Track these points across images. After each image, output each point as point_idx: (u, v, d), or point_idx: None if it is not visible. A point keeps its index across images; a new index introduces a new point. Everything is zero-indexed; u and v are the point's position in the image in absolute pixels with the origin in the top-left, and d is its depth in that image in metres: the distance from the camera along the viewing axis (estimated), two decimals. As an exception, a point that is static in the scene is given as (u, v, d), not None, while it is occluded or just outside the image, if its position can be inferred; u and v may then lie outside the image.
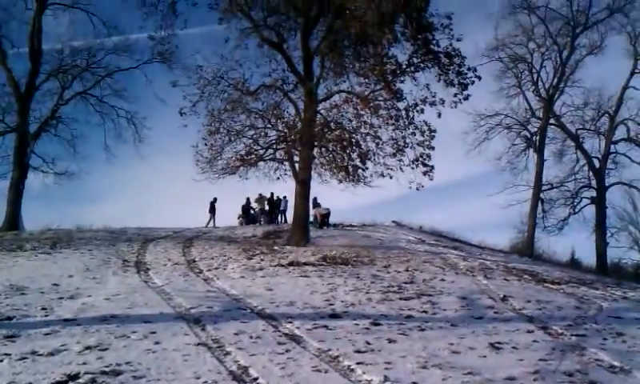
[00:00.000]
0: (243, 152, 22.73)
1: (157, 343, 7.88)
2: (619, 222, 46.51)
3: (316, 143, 21.80)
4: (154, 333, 8.41)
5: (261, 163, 23.48)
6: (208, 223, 30.40)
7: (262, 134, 23.05)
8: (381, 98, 21.08)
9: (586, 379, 6.47)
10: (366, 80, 21.28)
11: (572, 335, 9.14)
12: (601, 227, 36.02)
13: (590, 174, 37.07)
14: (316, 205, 27.89)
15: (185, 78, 23.00)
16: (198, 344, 7.89)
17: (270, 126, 23.03)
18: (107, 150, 31.16)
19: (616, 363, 7.31)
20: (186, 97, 22.07)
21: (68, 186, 31.10)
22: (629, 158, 36.73)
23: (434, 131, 20.87)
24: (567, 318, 10.64)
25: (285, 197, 30.78)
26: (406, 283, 13.77)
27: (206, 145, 22.73)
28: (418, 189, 21.14)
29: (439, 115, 20.72)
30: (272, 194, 31.69)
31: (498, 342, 8.33)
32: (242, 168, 22.92)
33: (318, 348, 7.76)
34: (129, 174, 76.45)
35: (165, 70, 28.36)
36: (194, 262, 16.99)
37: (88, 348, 7.59)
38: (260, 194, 31.63)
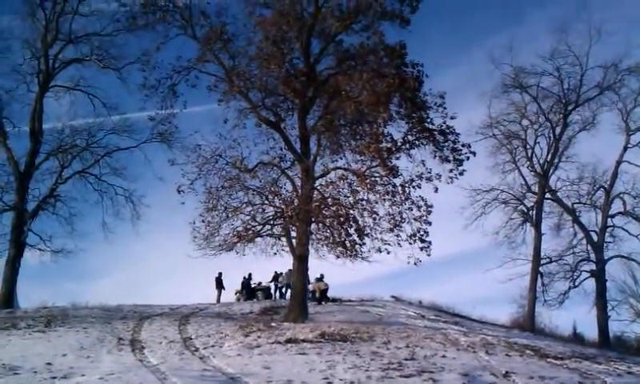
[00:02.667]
0: (240, 228, 22.72)
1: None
2: (620, 295, 46.20)
3: (313, 219, 21.87)
4: (149, 413, 8.22)
5: (258, 239, 23.44)
6: (218, 299, 30.38)
7: (260, 210, 23.12)
8: (377, 175, 21.29)
9: None
10: (362, 157, 21.67)
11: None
12: (601, 300, 35.78)
13: (589, 247, 37.07)
14: (319, 280, 27.76)
15: (183, 156, 23.42)
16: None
17: (267, 202, 23.15)
18: (105, 228, 31.25)
19: None
20: (184, 175, 22.34)
21: (65, 263, 31.08)
22: (626, 231, 36.90)
23: (431, 206, 21.01)
24: (571, 395, 10.44)
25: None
26: (406, 360, 13.54)
27: (203, 221, 22.74)
28: (416, 264, 21.05)
29: (436, 190, 20.91)
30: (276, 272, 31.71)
31: (502, 421, 8.15)
32: (239, 244, 22.91)
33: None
34: (126, 250, 76.12)
35: (164, 148, 29.01)
36: (190, 339, 16.75)
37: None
38: (275, 272, 31.59)
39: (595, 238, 36.69)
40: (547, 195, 37.31)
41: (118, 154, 30.77)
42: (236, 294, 31.95)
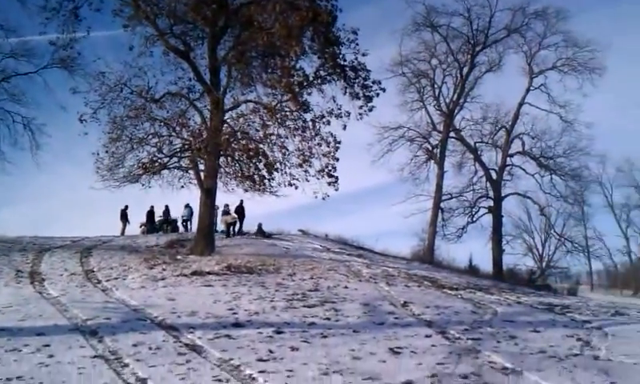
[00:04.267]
0: (146, 160, 22.25)
1: (51, 356, 7.58)
2: (514, 230, 49.73)
3: (222, 152, 21.65)
4: (47, 346, 8.08)
5: (165, 172, 23.12)
6: (122, 231, 29.70)
7: (167, 142, 22.65)
8: (288, 109, 21.24)
9: (479, 381, 6.72)
10: (274, 91, 21.44)
11: (468, 339, 9.51)
12: (497, 235, 38.05)
13: (488, 184, 39.03)
14: (226, 213, 27.62)
15: (86, 84, 22.46)
16: (95, 356, 7.66)
17: (174, 134, 22.64)
18: (1, 157, 29.69)
19: (508, 365, 7.63)
20: (87, 103, 21.42)
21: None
22: (524, 170, 39.16)
23: (339, 142, 21.25)
24: (464, 323, 11.09)
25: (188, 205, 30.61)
26: (310, 291, 13.96)
27: (107, 152, 22.08)
28: (323, 198, 21.46)
29: (344, 128, 21.19)
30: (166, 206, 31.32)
31: (398, 347, 8.58)
32: (144, 176, 22.42)
33: (220, 358, 7.73)
34: (27, 181, 72.64)
35: (66, 76, 27.57)
36: (92, 272, 16.40)
37: (-25, 363, 7.21)
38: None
39: (494, 176, 38.61)
40: (451, 134, 38.49)
41: (17, 79, 29.26)
42: (141, 226, 31.35)
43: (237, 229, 28.44)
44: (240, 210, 29.09)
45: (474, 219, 39.47)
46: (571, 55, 36.96)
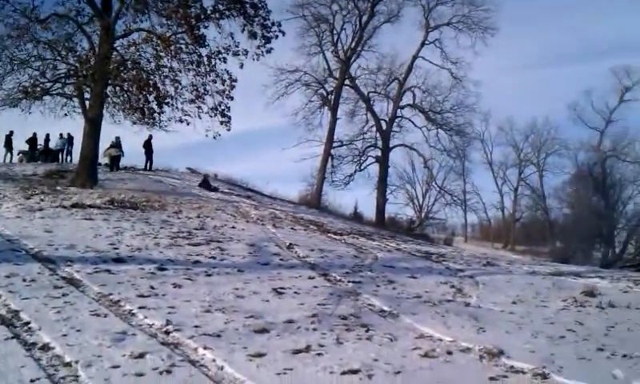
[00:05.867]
0: (27, 84, 20.84)
1: None
2: (398, 181, 51.71)
3: (110, 81, 20.67)
4: None
5: (47, 97, 21.89)
6: (4, 158, 28.03)
7: (51, 66, 21.35)
8: (182, 42, 20.50)
9: (358, 322, 6.97)
10: (169, 21, 20.48)
11: (349, 282, 9.85)
12: (382, 184, 39.26)
13: (377, 135, 39.79)
14: (115, 146, 26.44)
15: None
16: (-38, 287, 7.25)
17: (59, 58, 21.31)
18: None
19: (386, 308, 7.98)
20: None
21: None
22: (412, 122, 40.28)
23: (235, 80, 20.91)
24: (346, 267, 11.46)
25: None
26: (196, 229, 13.86)
27: (-17, 73, 20.42)
28: (215, 138, 21.18)
29: (241, 66, 20.82)
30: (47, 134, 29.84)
31: (282, 288, 8.74)
32: (25, 101, 21.05)
33: (99, 292, 7.55)
34: None
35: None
36: (-39, 199, 15.34)
37: None
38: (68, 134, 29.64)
39: (384, 126, 39.42)
40: (347, 82, 38.57)
41: None
42: (19, 154, 29.49)
43: (148, 165, 27.87)
44: (148, 146, 28.14)
45: (362, 168, 40.44)
46: (467, 13, 37.64)
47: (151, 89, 20.65)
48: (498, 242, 58.50)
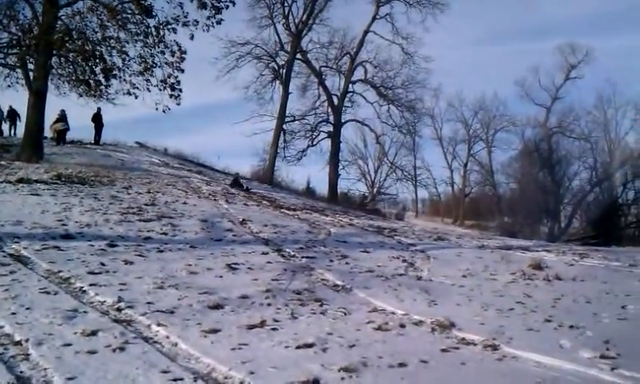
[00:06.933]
0: (-35, 53, 19.99)
1: None
2: (350, 156, 52.15)
3: (55, 52, 19.96)
4: None
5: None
6: None
7: (-9, 36, 20.46)
8: (130, 12, 19.95)
9: (312, 297, 6.99)
10: (115, -10, 19.93)
11: (303, 257, 9.88)
12: (334, 160, 39.52)
13: (329, 109, 39.95)
14: (60, 119, 25.59)
15: None
16: None
17: (1, 27, 20.42)
18: None
19: (339, 282, 8.04)
20: None
21: None
22: (364, 97, 40.57)
23: (185, 52, 20.50)
24: (299, 242, 11.50)
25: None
26: (146, 205, 13.64)
27: None
28: (164, 111, 20.78)
29: (192, 37, 20.39)
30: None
31: (235, 263, 8.69)
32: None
33: (48, 269, 7.37)
34: None
35: None
36: None
37: None
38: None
39: (336, 101, 39.53)
40: (298, 56, 38.40)
41: None
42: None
43: (96, 139, 27.08)
44: (97, 119, 27.36)
45: (314, 143, 40.64)
46: (417, -12, 37.96)
47: (97, 60, 20.08)
48: (448, 217, 59.68)
